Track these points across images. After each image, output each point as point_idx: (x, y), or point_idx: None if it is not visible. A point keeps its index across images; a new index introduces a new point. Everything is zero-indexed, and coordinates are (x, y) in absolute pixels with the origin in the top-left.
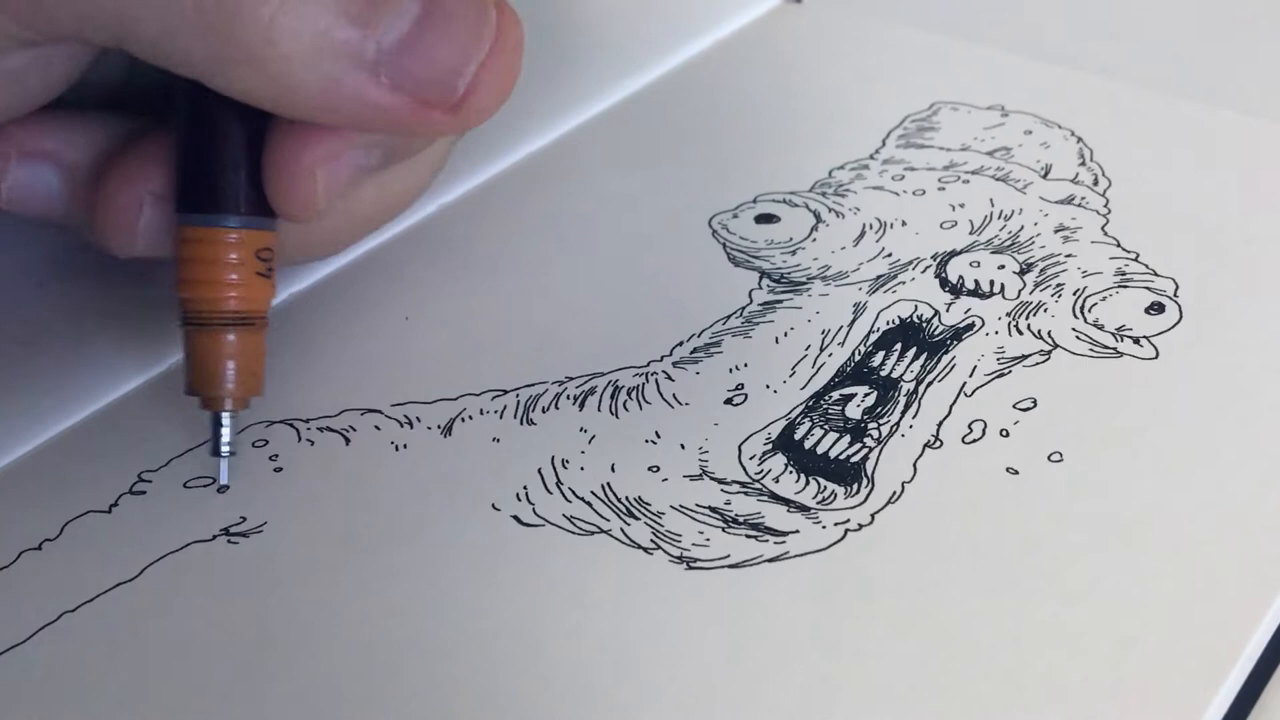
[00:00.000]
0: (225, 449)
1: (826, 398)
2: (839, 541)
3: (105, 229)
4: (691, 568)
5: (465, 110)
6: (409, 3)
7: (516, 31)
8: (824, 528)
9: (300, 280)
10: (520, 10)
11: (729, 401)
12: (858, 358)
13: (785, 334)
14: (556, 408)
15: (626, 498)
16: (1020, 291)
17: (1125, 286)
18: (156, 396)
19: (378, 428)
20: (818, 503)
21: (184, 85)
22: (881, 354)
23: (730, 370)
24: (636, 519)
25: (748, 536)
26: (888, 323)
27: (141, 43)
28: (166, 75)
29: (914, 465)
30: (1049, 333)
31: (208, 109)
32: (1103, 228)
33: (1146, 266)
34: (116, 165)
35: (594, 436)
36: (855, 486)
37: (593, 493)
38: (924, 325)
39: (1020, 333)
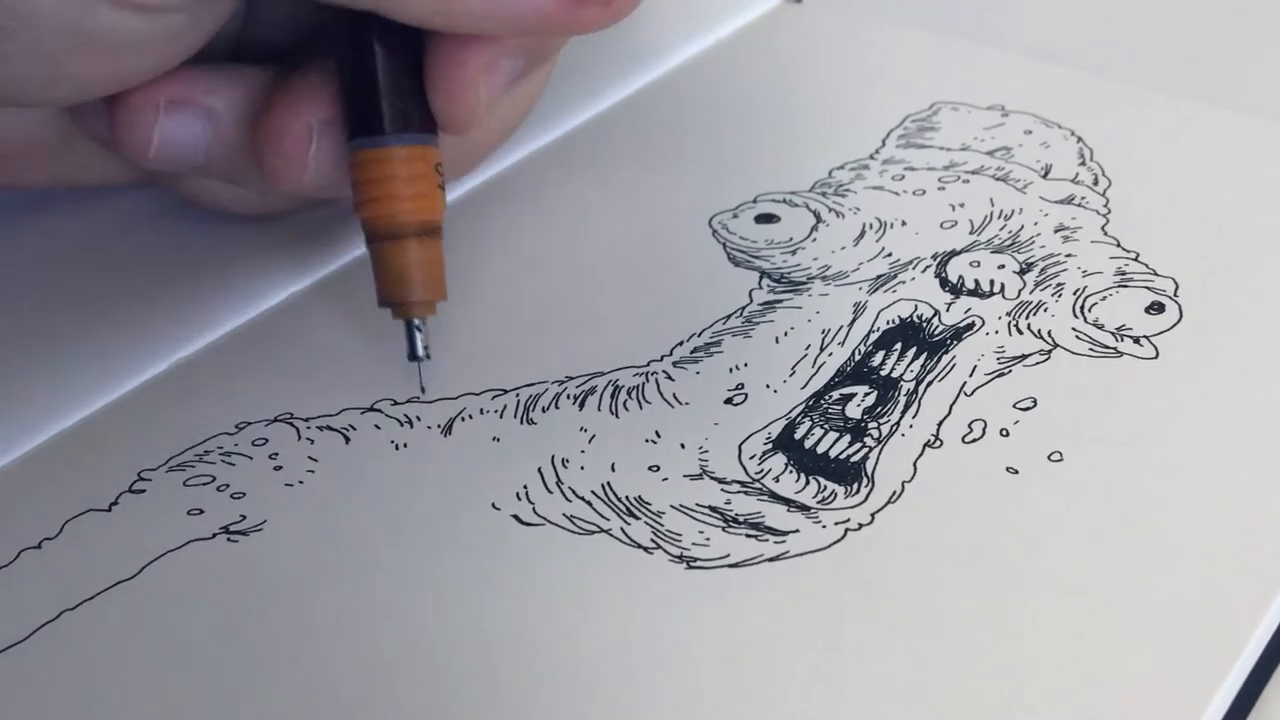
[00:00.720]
0: (421, 353)
1: (827, 397)
2: (839, 541)
3: (275, 163)
4: (691, 567)
5: (615, 3)
6: None
7: None
8: (824, 527)
9: (300, 280)
10: None
11: (729, 401)
12: (858, 357)
13: (785, 334)
14: (557, 407)
15: (626, 497)
16: (1020, 291)
17: (1125, 286)
18: (156, 395)
19: (378, 427)
20: (818, 502)
21: (346, 17)
22: (881, 354)
23: (730, 370)
24: (636, 518)
25: (748, 536)
26: (888, 322)
27: None
28: (323, 19)
29: (914, 465)
30: (1049, 332)
31: (368, 38)
32: (1103, 227)
33: (1146, 266)
34: (280, 99)
35: (594, 436)
36: (855, 486)
37: (593, 492)
38: (924, 325)
39: (1020, 332)
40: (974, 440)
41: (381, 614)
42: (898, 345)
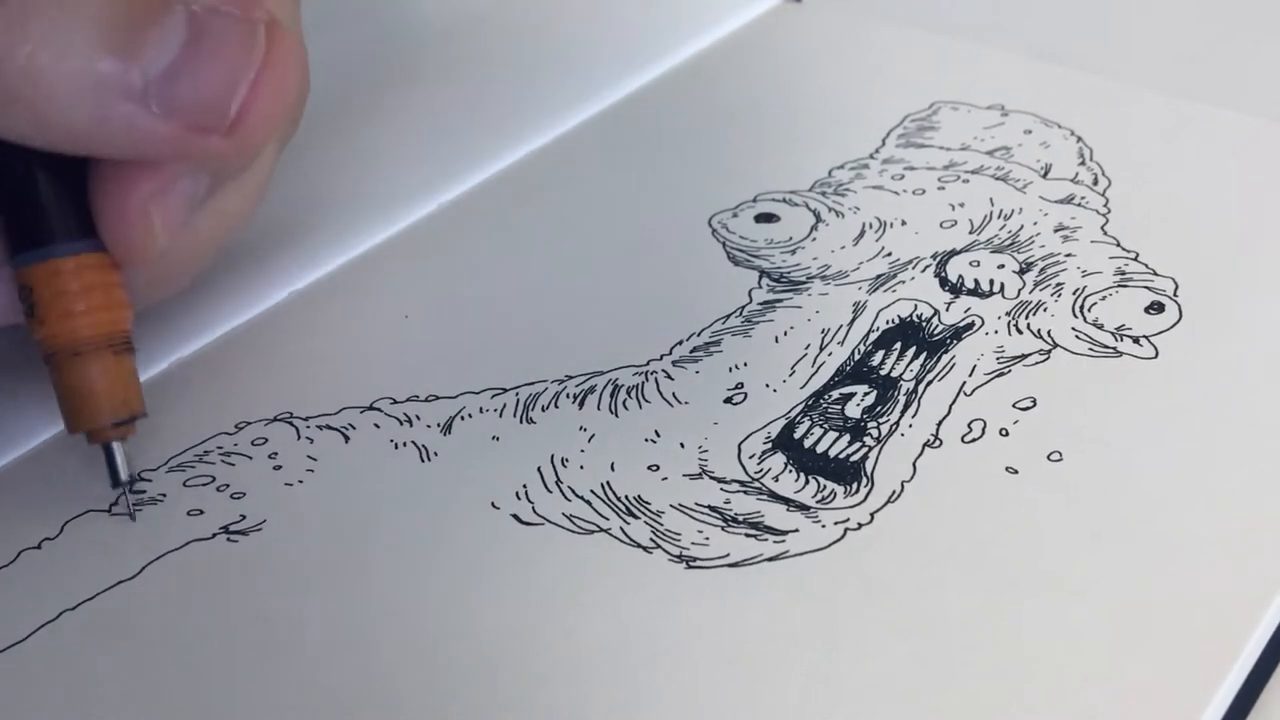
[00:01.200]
0: (125, 476)
1: (826, 397)
2: (839, 540)
3: None
4: (691, 567)
5: (241, 133)
6: (173, 29)
7: (289, 48)
8: (823, 527)
9: (300, 279)
10: (522, 11)
11: (729, 400)
12: (857, 357)
13: (785, 333)
14: (556, 406)
15: (626, 496)
16: (1020, 291)
17: (1125, 286)
18: (156, 395)
19: (377, 426)
20: (817, 502)
21: None
22: (881, 353)
23: (730, 369)
24: (636, 518)
25: (747, 535)
26: (887, 322)
27: None
28: None
29: (914, 464)
30: (1049, 332)
31: (16, 149)
32: (1102, 227)
33: (1146, 266)
34: None
35: (593, 435)
36: (855, 485)
37: (592, 491)
38: (924, 324)
39: (1020, 332)
40: (973, 440)
41: (381, 613)
42: (897, 345)
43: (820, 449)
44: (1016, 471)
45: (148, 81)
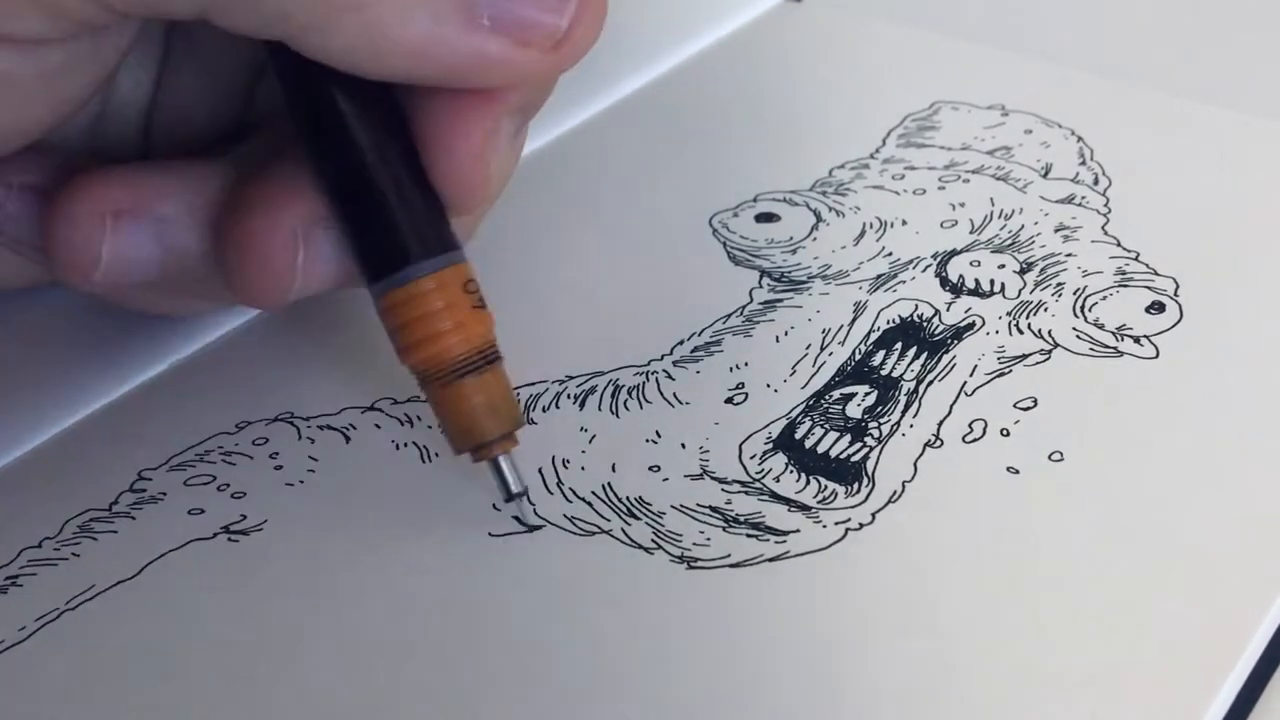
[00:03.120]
0: (516, 487)
1: (827, 397)
2: (840, 541)
3: (254, 277)
4: (692, 567)
5: (568, 47)
6: None
7: None
8: (825, 527)
9: None
10: None
11: (729, 401)
12: (858, 357)
13: (786, 333)
14: (557, 407)
15: (627, 498)
16: (1021, 291)
17: (1126, 286)
18: (157, 394)
19: (378, 426)
20: (818, 502)
21: (291, 88)
22: (882, 353)
23: (731, 369)
24: (637, 519)
25: (748, 536)
26: (888, 322)
27: (230, 6)
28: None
29: (914, 464)
30: (1049, 332)
31: (335, 111)
32: (1103, 227)
33: (1147, 266)
34: (250, 201)
35: (594, 436)
36: (856, 486)
37: (593, 493)
38: (924, 324)
39: (1021, 332)
40: (974, 440)
41: (381, 614)
42: (898, 345)
43: (821, 449)
44: (1017, 471)
45: None
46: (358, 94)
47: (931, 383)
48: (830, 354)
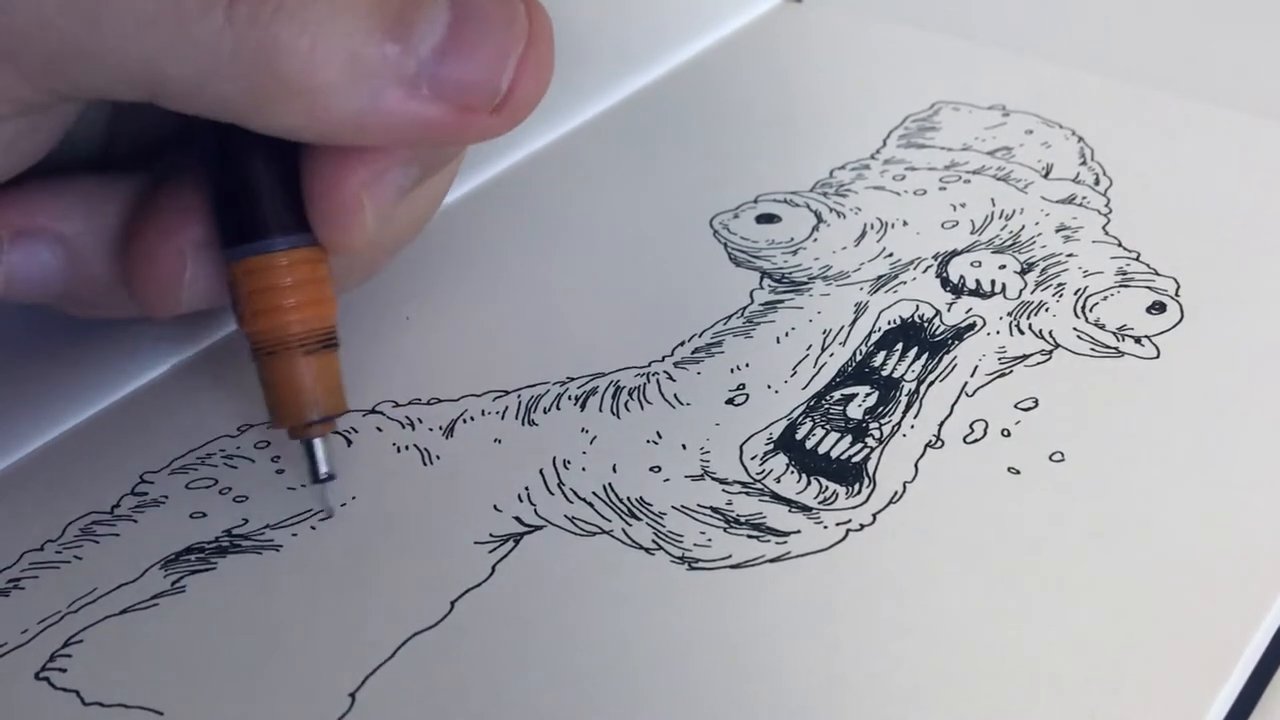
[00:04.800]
0: (324, 472)
1: (828, 398)
2: (841, 541)
3: (147, 292)
4: (693, 568)
5: (510, 108)
6: (439, 9)
7: (546, 20)
8: (825, 528)
9: None
10: None
11: (730, 401)
12: (859, 358)
13: (786, 334)
14: (558, 408)
15: (628, 498)
16: (1021, 291)
17: (1126, 286)
18: (158, 397)
19: (379, 429)
20: (819, 503)
21: (209, 127)
22: (883, 354)
23: (732, 370)
24: (638, 519)
25: (749, 537)
26: (889, 322)
27: (176, 93)
28: (187, 121)
29: (915, 465)
30: (1050, 332)
31: (235, 144)
32: (1104, 227)
33: (1148, 266)
34: (146, 221)
35: (595, 437)
36: (857, 486)
37: (594, 493)
38: (925, 325)
39: (1021, 332)
40: (975, 440)
41: (382, 616)
42: (899, 345)
43: (822, 450)
44: (1018, 472)
45: (420, 64)
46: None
47: (932, 383)
48: (831, 355)
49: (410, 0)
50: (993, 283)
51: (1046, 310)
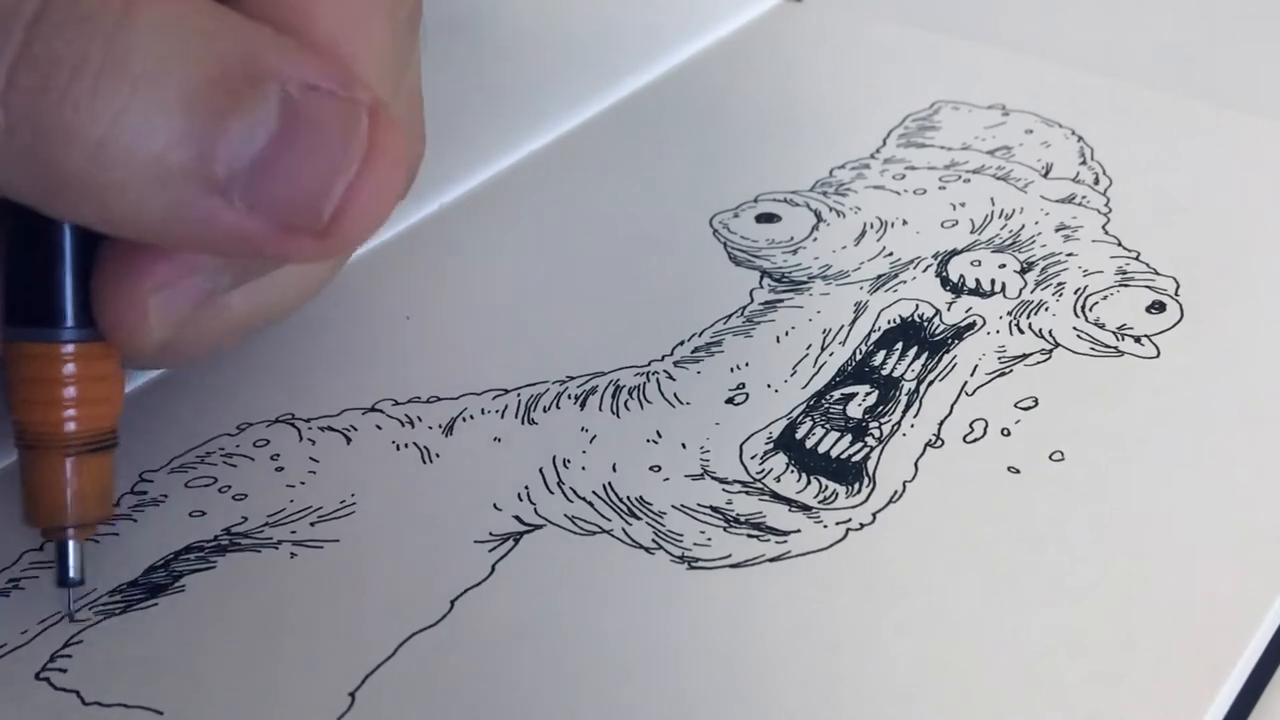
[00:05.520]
0: (74, 576)
1: (828, 397)
2: (840, 541)
3: None
4: (693, 567)
5: (334, 236)
6: (264, 112)
7: (394, 141)
8: (825, 527)
9: None
10: (521, 10)
11: (730, 401)
12: (859, 357)
13: (786, 333)
14: (558, 407)
15: (628, 497)
16: (1021, 290)
17: (1126, 285)
18: (157, 396)
19: (379, 427)
20: (819, 502)
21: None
22: (883, 353)
23: (731, 369)
24: (638, 519)
25: (749, 536)
26: (889, 322)
27: None
28: None
29: (915, 464)
30: (1050, 332)
31: (32, 218)
32: (1104, 226)
33: (1147, 265)
34: None
35: (595, 436)
36: (857, 486)
37: (594, 492)
38: (925, 324)
39: (1021, 332)
40: (975, 440)
41: (382, 616)
42: (899, 345)
43: (822, 449)
44: (1018, 471)
45: (233, 172)
46: None
47: (932, 383)
48: (831, 354)
49: (231, 96)
50: (992, 282)
51: (1046, 310)
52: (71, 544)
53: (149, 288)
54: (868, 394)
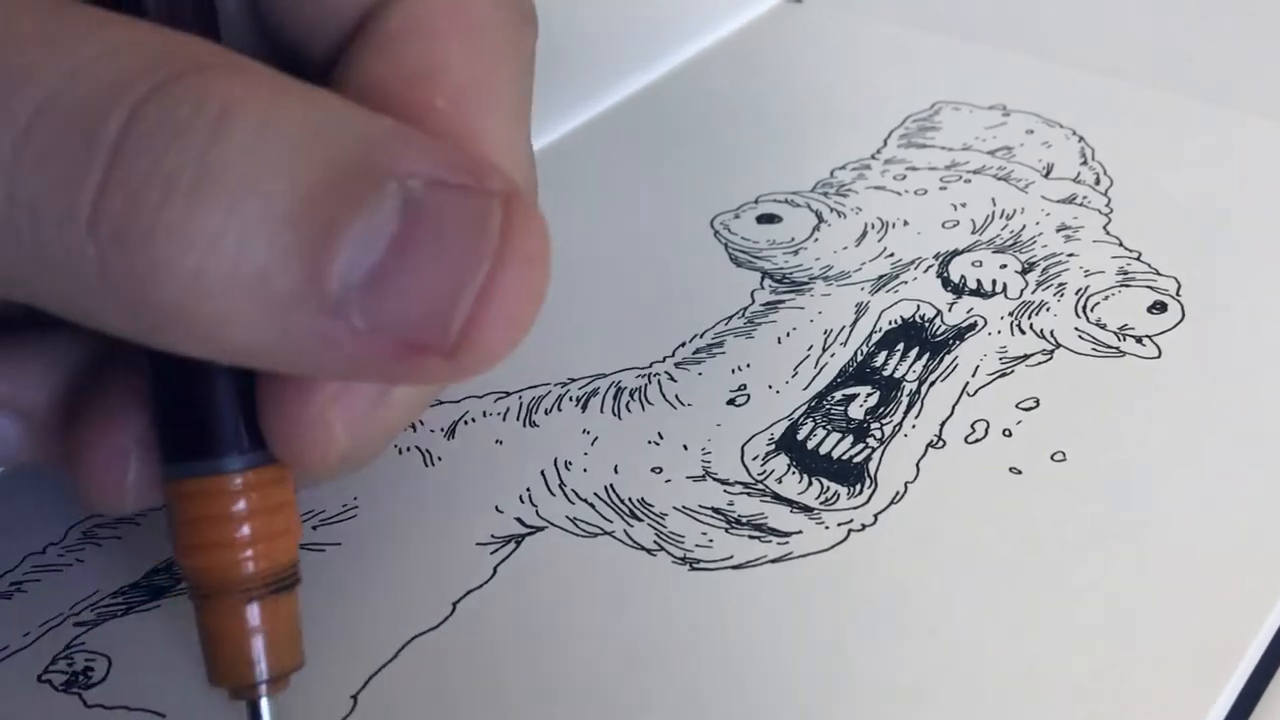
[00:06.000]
0: None
1: (829, 398)
2: (842, 542)
3: (87, 488)
4: (695, 569)
5: (466, 353)
6: (382, 219)
7: (533, 235)
8: (827, 528)
9: None
10: None
11: (732, 402)
12: (860, 358)
13: (788, 334)
14: (559, 409)
15: (629, 499)
16: (1022, 291)
17: (1127, 285)
18: None
19: None
20: (821, 503)
21: None
22: (884, 354)
23: (733, 371)
24: (639, 520)
25: (751, 537)
26: (890, 322)
27: (49, 303)
28: None
29: (917, 465)
30: (1051, 332)
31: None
32: (1105, 227)
33: (1149, 265)
34: (90, 409)
35: (597, 438)
36: (858, 487)
37: (596, 494)
38: (926, 325)
39: (1022, 332)
40: (977, 440)
41: (383, 617)
42: (900, 345)
43: (824, 450)
44: (1020, 472)
45: (347, 289)
46: None
47: (933, 383)
48: (832, 355)
49: (344, 202)
50: (994, 282)
51: (1048, 310)
52: (264, 701)
53: (325, 400)
54: (869, 395)
